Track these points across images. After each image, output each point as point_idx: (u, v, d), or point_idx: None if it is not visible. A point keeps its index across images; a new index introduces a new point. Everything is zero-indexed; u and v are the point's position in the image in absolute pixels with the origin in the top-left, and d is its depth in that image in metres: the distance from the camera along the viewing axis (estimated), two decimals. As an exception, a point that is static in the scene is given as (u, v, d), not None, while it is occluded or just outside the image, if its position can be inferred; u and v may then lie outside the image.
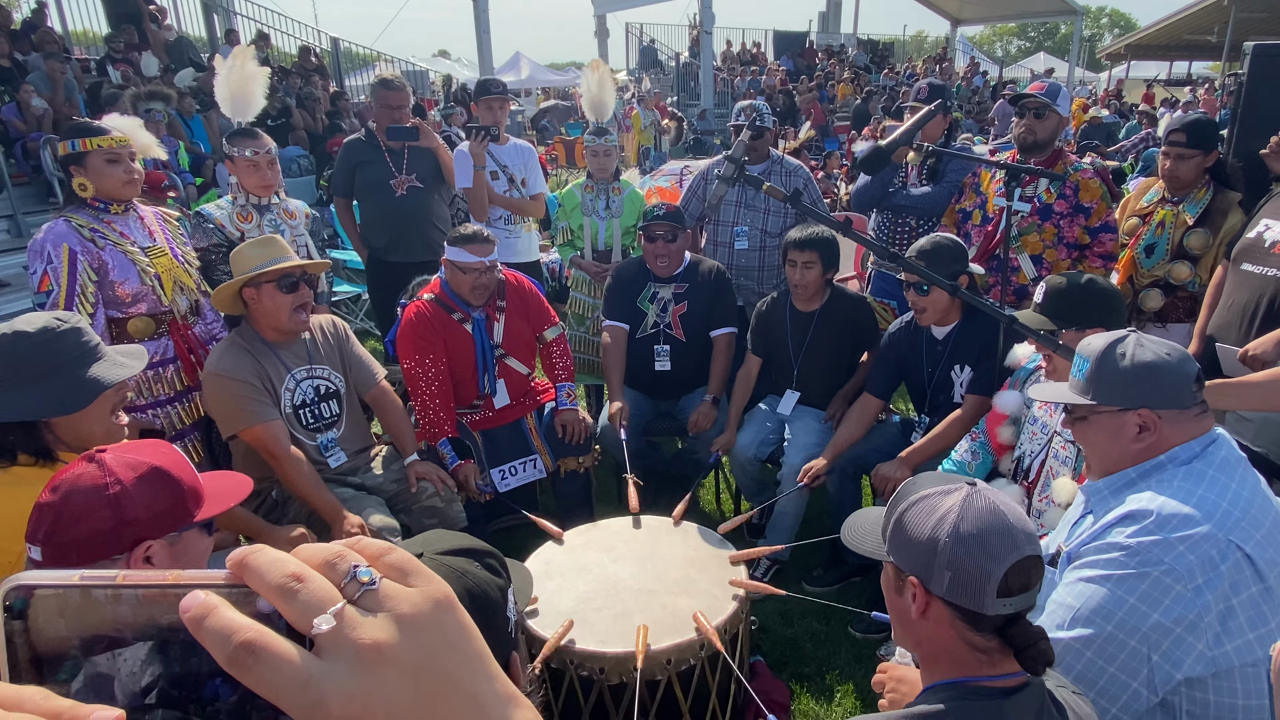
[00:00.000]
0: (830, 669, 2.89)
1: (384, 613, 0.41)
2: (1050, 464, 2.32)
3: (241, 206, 3.44)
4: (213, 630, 0.38)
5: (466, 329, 3.26)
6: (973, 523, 1.17)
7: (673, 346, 3.72)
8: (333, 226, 6.84)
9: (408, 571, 0.44)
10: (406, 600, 0.42)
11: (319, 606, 0.40)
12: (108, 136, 2.83)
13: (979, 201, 3.70)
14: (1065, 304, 2.28)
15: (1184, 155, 3.35)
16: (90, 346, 1.95)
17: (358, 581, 0.41)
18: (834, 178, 9.76)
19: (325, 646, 0.39)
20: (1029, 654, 1.15)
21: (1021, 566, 1.16)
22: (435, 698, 0.41)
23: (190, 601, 0.39)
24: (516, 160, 4.38)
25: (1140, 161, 9.92)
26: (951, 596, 1.18)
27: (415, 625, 0.41)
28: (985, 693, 1.16)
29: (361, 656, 0.39)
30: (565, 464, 3.39)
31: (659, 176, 8.12)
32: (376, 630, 0.40)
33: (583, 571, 2.56)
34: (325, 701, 0.38)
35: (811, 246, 3.34)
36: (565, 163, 13.89)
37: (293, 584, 0.40)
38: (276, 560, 0.40)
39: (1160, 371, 1.53)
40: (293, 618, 0.40)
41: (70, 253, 2.75)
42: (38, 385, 1.86)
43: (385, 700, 0.39)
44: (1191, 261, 3.39)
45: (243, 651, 0.38)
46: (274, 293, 2.70)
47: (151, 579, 0.40)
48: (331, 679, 0.38)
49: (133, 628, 0.39)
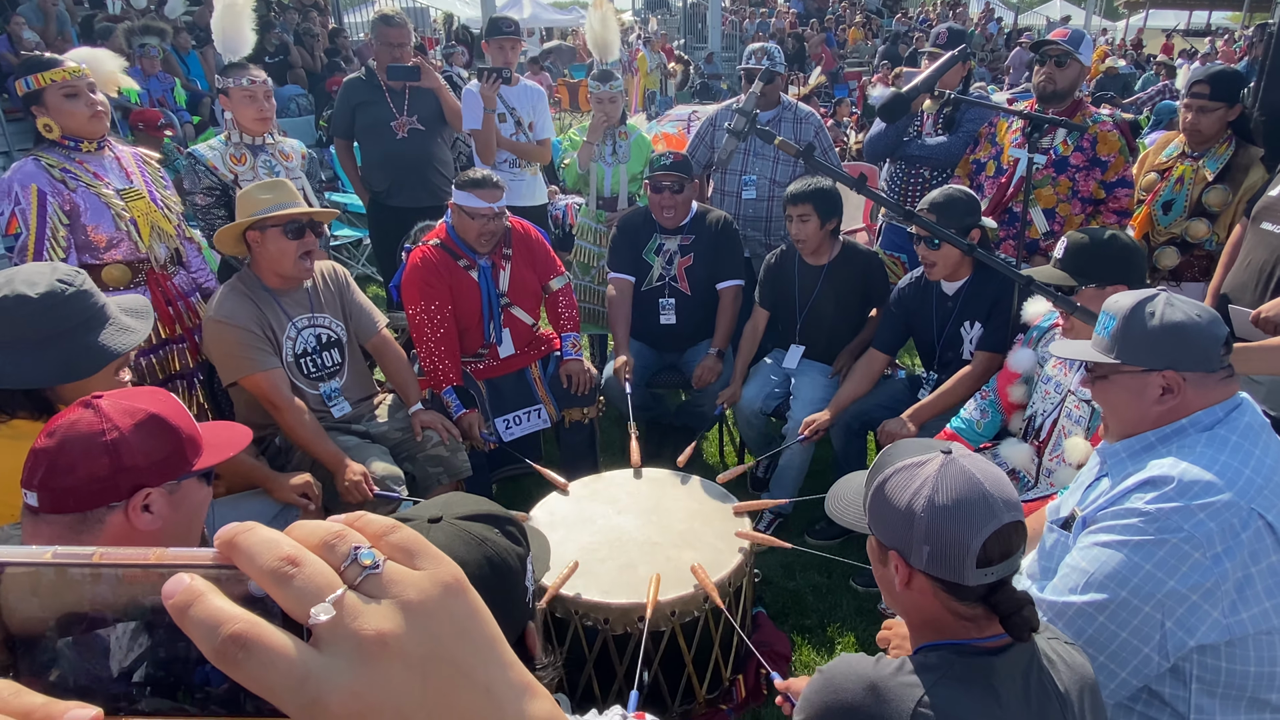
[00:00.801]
0: (831, 621, 2.92)
1: (388, 599, 0.37)
2: (1063, 423, 2.29)
3: (235, 147, 3.35)
4: (199, 620, 0.35)
5: (472, 276, 3.21)
6: (948, 494, 1.16)
7: (678, 300, 3.67)
8: (332, 168, 6.72)
9: (414, 553, 0.40)
10: (413, 585, 0.38)
11: (317, 594, 0.36)
12: (61, 69, 2.69)
13: (994, 152, 3.61)
14: (1087, 260, 2.23)
15: (1207, 108, 3.25)
16: (97, 309, 1.88)
17: (359, 565, 0.38)
18: (844, 126, 9.55)
19: (324, 638, 0.36)
20: (1013, 621, 1.15)
21: (1001, 534, 1.15)
22: (445, 691, 0.38)
23: (174, 586, 0.35)
24: (525, 103, 4.27)
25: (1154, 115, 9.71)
26: (932, 569, 1.18)
27: (423, 613, 0.38)
28: (975, 651, 1.17)
29: (364, 649, 0.36)
30: (569, 414, 3.37)
31: (665, 122, 7.95)
32: (380, 619, 0.37)
33: (587, 523, 2.56)
34: (324, 699, 0.35)
35: (805, 199, 3.26)
36: (569, 106, 13.61)
37: (287, 568, 0.36)
38: (269, 541, 0.37)
39: (1189, 332, 1.49)
40: (288, 606, 0.36)
41: (39, 194, 2.64)
42: (41, 352, 1.79)
43: (391, 696, 0.36)
44: (1210, 219, 3.32)
45: (232, 645, 0.34)
46: (279, 237, 2.64)
47: (131, 558, 0.36)
48: (331, 674, 0.35)
49: (113, 608, 0.36)
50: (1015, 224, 3.56)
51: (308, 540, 0.38)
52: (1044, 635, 1.25)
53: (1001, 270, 2.20)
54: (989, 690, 1.12)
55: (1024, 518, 1.20)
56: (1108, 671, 1.40)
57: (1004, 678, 1.14)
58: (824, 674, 1.21)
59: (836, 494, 1.52)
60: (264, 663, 0.34)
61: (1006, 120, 3.60)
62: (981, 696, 1.12)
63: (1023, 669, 1.16)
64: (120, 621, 0.36)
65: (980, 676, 1.14)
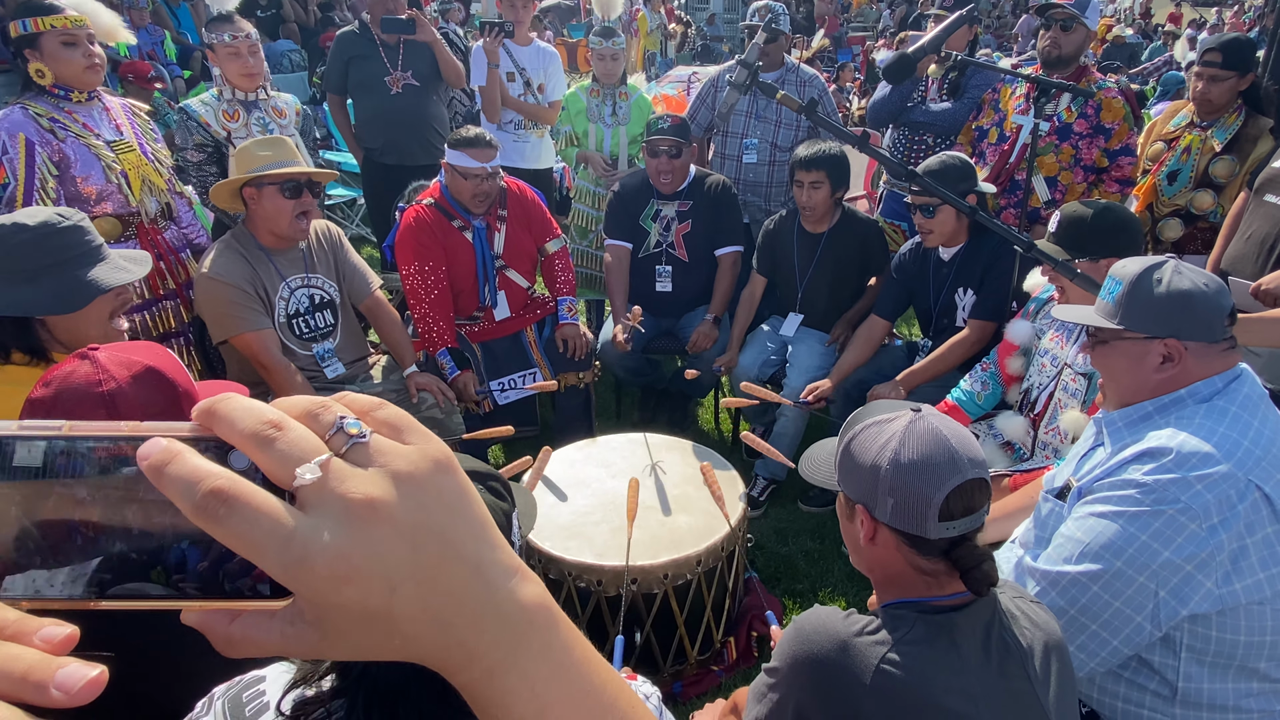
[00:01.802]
0: (823, 586, 2.94)
1: (376, 468, 0.36)
2: (1059, 396, 2.28)
3: (228, 103, 3.28)
4: (177, 477, 0.33)
5: (467, 238, 3.17)
6: (913, 449, 1.19)
7: (675, 267, 3.63)
8: (326, 127, 6.61)
9: (402, 428, 0.38)
10: (402, 457, 0.37)
11: (301, 456, 0.34)
12: (62, 16, 2.63)
13: (996, 119, 3.55)
14: (1081, 233, 2.20)
15: (1218, 77, 3.20)
16: (92, 247, 1.88)
17: (345, 434, 0.36)
18: (847, 91, 9.41)
19: (309, 501, 0.34)
20: (974, 575, 1.18)
21: (964, 490, 1.17)
22: (434, 563, 0.36)
23: (150, 448, 0.33)
24: (536, 63, 4.18)
25: (1161, 85, 9.58)
26: (895, 522, 1.20)
27: (412, 483, 0.36)
28: (936, 609, 1.21)
29: (351, 512, 0.34)
30: (565, 379, 3.36)
31: (665, 84, 7.83)
32: (368, 485, 0.35)
33: (581, 486, 2.56)
34: (311, 559, 0.33)
35: (819, 165, 3.20)
36: (567, 66, 13.38)
37: (271, 431, 0.34)
38: (251, 407, 0.35)
39: (1194, 301, 1.47)
40: (271, 469, 0.34)
41: (27, 143, 2.58)
42: (34, 281, 1.79)
43: (379, 562, 0.34)
44: (1216, 190, 3.29)
45: (213, 499, 0.32)
46: (276, 195, 2.59)
47: (104, 429, 0.34)
48: (318, 534, 0.33)
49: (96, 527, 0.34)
50: (1017, 192, 3.52)
51: (291, 410, 0.36)
52: (1007, 593, 1.28)
53: (1001, 233, 2.17)
54: (951, 645, 1.16)
55: (988, 476, 1.22)
56: (1100, 640, 1.40)
57: (965, 633, 1.17)
58: (797, 624, 1.24)
59: (810, 456, 1.58)
60: (247, 518, 0.33)
61: (1010, 86, 3.54)
62: (944, 651, 1.15)
63: (984, 624, 1.20)
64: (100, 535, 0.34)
65: (942, 632, 1.17)
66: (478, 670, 0.38)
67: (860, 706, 1.12)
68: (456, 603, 0.37)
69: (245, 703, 0.99)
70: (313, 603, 0.34)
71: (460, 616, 0.37)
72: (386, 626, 0.36)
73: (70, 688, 0.30)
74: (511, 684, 0.39)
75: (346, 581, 0.34)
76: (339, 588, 0.34)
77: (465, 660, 0.38)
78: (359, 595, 0.34)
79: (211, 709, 1.00)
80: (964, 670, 1.14)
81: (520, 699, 0.39)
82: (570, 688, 0.41)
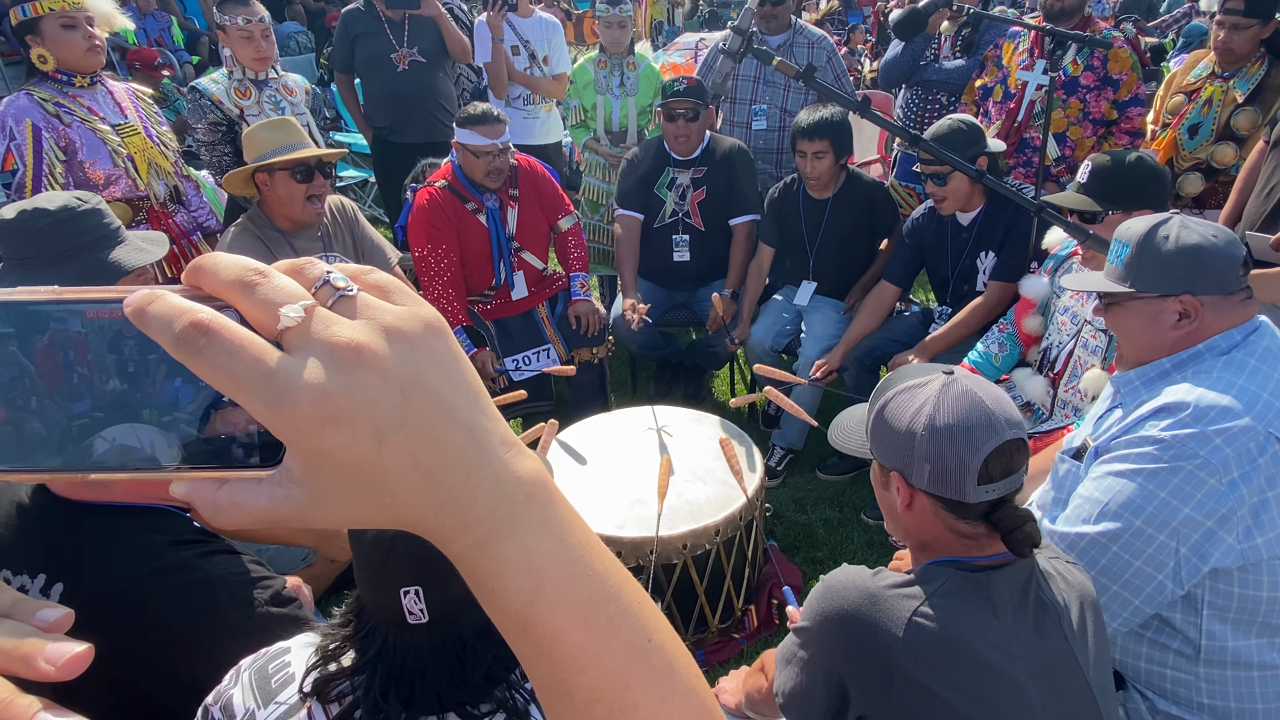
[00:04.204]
0: (843, 554, 2.94)
1: (364, 320, 0.35)
2: (1079, 354, 2.26)
3: (239, 82, 3.28)
4: (159, 314, 0.32)
5: (480, 220, 3.16)
6: (948, 413, 1.16)
7: (692, 236, 3.60)
8: (335, 108, 6.59)
9: (391, 290, 0.37)
10: (391, 313, 0.36)
11: (285, 301, 0.33)
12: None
13: (1000, 76, 3.48)
14: (1113, 183, 2.15)
15: (1241, 25, 3.11)
16: (111, 229, 1.90)
17: (332, 286, 0.35)
18: (858, 54, 9.25)
19: (294, 343, 0.33)
20: (1015, 537, 1.16)
21: (1003, 451, 1.15)
22: (426, 419, 0.35)
23: (135, 296, 0.33)
24: (539, 36, 4.13)
25: (1181, 38, 9.34)
26: (933, 488, 1.18)
27: (401, 339, 0.35)
28: (974, 568, 1.19)
29: (337, 354, 0.33)
30: (579, 354, 3.36)
31: (672, 52, 7.71)
32: (354, 331, 0.34)
33: (598, 459, 2.57)
34: (294, 394, 0.32)
35: (821, 134, 3.12)
36: (573, 39, 13.24)
37: (254, 277, 0.34)
38: (235, 259, 0.35)
39: (1205, 254, 1.44)
40: (253, 314, 0.34)
41: (34, 129, 2.60)
42: (56, 265, 1.81)
43: (366, 406, 0.33)
44: (1237, 143, 3.21)
45: (194, 331, 0.32)
46: (287, 180, 2.60)
47: (95, 293, 0.34)
48: (301, 370, 0.32)
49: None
50: (1026, 151, 3.46)
51: (276, 267, 0.36)
52: (1043, 554, 1.27)
53: (1013, 198, 2.13)
54: (986, 602, 1.14)
55: (1026, 436, 1.19)
56: (1121, 600, 1.39)
57: (1001, 591, 1.16)
58: (825, 582, 1.23)
59: (839, 424, 1.54)
60: (228, 350, 0.32)
61: (1012, 42, 3.46)
62: (979, 608, 1.14)
63: (1021, 584, 1.18)
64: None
65: (979, 590, 1.15)
66: (471, 538, 0.37)
67: (893, 661, 1.10)
68: (449, 463, 0.35)
69: (271, 674, 1.01)
70: (298, 450, 0.33)
71: (452, 477, 0.36)
72: (376, 481, 0.34)
73: (57, 660, 0.31)
74: (508, 553, 0.37)
75: (332, 423, 0.33)
76: (324, 429, 0.33)
77: (458, 525, 0.36)
78: (346, 441, 0.33)
79: (239, 681, 1.03)
80: (1000, 627, 1.13)
81: (516, 571, 0.37)
82: (569, 568, 0.38)
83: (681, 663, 0.42)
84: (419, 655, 0.93)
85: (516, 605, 0.37)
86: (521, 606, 0.37)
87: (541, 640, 0.38)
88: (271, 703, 0.98)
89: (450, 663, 0.93)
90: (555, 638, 0.38)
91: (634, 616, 0.40)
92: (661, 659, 0.41)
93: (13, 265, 1.80)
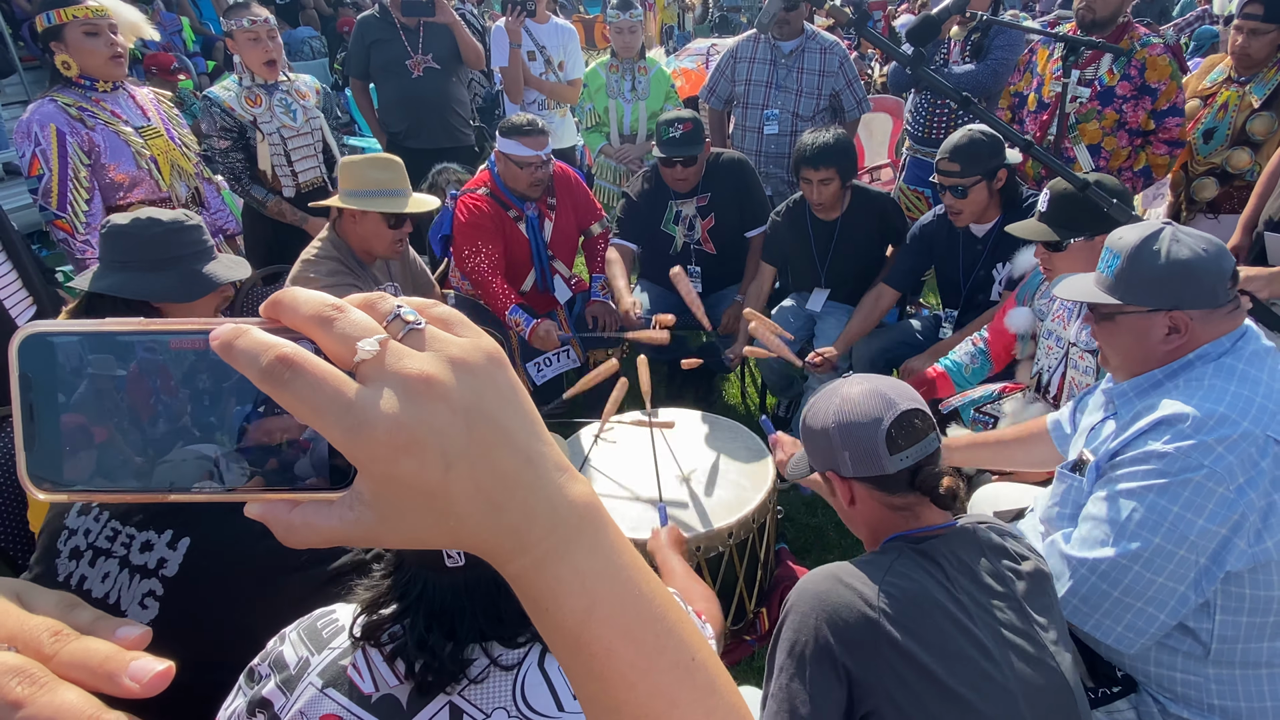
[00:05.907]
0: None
1: (432, 352, 0.37)
2: (1071, 375, 2.25)
3: (249, 89, 3.31)
4: (245, 348, 0.35)
5: (520, 228, 3.21)
6: (851, 403, 1.32)
7: (705, 263, 3.57)
8: (349, 112, 6.64)
9: (454, 323, 0.40)
10: (456, 345, 0.38)
11: (361, 335, 0.36)
12: (83, 5, 2.67)
13: (1035, 84, 3.43)
14: (1072, 210, 2.12)
15: (1259, 30, 3.09)
16: (207, 245, 1.97)
17: (402, 320, 0.37)
18: (868, 59, 9.26)
19: (369, 376, 0.35)
20: (939, 493, 1.29)
21: (903, 420, 1.28)
22: (488, 446, 0.37)
23: (221, 330, 0.35)
24: (555, 41, 4.17)
25: (1192, 41, 9.30)
26: (858, 471, 1.31)
27: (466, 369, 0.37)
28: (919, 539, 1.30)
29: (409, 386, 0.35)
30: (595, 355, 3.38)
31: (683, 57, 7.75)
32: (425, 363, 0.36)
33: (613, 461, 2.58)
34: (372, 424, 0.34)
35: (826, 162, 3.02)
36: (585, 43, 13.27)
37: (331, 312, 0.36)
38: (312, 295, 0.37)
39: (1195, 270, 1.44)
40: (331, 347, 0.36)
41: (59, 134, 2.63)
42: (159, 270, 1.86)
43: (436, 435, 0.35)
44: (1253, 148, 3.19)
45: (280, 365, 0.34)
46: (379, 222, 2.63)
47: (181, 325, 0.36)
48: (379, 401, 0.35)
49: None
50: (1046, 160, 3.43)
51: (350, 302, 0.38)
52: (989, 529, 1.35)
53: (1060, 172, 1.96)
54: (934, 563, 1.25)
55: (925, 407, 1.32)
56: (1146, 616, 1.39)
57: (946, 555, 1.27)
58: (788, 603, 1.28)
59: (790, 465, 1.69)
60: (311, 383, 0.34)
61: (1047, 48, 3.40)
62: (931, 569, 1.24)
63: (966, 548, 1.29)
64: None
65: (926, 556, 1.26)
66: (529, 559, 0.39)
67: (878, 631, 1.16)
68: (509, 488, 0.38)
69: (321, 628, 1.08)
70: (371, 476, 0.36)
71: (512, 501, 0.38)
72: (441, 506, 0.36)
73: (142, 677, 0.33)
74: (563, 574, 0.39)
75: (405, 451, 0.35)
76: (397, 457, 0.35)
77: (516, 548, 0.38)
78: (416, 468, 0.35)
79: (286, 639, 1.09)
80: (953, 586, 1.23)
81: (571, 591, 0.39)
82: (619, 589, 0.40)
83: (722, 681, 0.44)
84: (457, 594, 1.00)
85: (570, 624, 0.39)
86: (575, 625, 0.39)
87: (593, 658, 0.40)
88: (325, 649, 1.05)
89: (486, 600, 1.00)
90: (606, 655, 0.40)
91: (678, 636, 0.42)
92: (705, 677, 0.43)
93: (113, 267, 1.84)
